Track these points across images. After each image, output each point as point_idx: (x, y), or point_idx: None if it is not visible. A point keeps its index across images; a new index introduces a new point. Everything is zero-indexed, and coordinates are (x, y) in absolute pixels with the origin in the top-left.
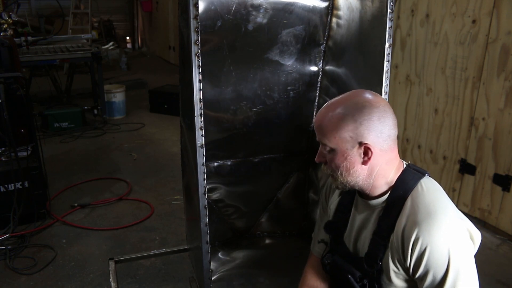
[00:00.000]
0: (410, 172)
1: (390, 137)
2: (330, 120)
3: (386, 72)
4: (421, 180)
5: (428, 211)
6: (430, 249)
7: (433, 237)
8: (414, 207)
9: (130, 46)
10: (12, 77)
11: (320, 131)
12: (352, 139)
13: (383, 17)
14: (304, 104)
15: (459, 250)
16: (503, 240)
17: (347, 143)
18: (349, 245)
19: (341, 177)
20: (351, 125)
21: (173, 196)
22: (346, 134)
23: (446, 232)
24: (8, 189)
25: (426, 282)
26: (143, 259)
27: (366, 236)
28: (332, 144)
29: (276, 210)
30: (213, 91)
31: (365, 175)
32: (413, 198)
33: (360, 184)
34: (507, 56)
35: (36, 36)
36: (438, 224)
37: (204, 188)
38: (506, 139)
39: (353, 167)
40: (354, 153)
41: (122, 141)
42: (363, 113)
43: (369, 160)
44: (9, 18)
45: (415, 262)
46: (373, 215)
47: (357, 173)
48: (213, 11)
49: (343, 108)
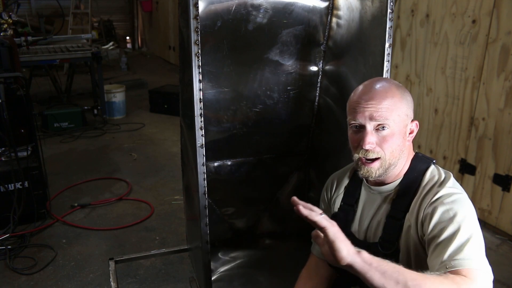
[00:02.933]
0: (421, 158)
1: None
2: (393, 99)
3: (386, 72)
4: (432, 164)
5: (445, 185)
6: (447, 205)
7: (452, 200)
8: (430, 183)
9: (130, 46)
10: (12, 77)
11: (382, 111)
12: (407, 117)
13: (383, 17)
14: (304, 104)
15: (470, 210)
16: (503, 240)
17: (405, 121)
18: (358, 235)
19: (391, 158)
20: (409, 103)
21: (173, 196)
22: (405, 112)
23: (463, 199)
24: (8, 189)
25: (443, 235)
26: (143, 259)
27: (379, 221)
28: (395, 123)
29: (276, 210)
30: (213, 91)
31: (405, 156)
32: (431, 173)
33: (397, 167)
34: (507, 56)
35: (36, 36)
36: (456, 193)
37: (204, 188)
38: (506, 139)
39: (403, 146)
40: (407, 132)
41: (122, 141)
42: (408, 93)
43: (412, 138)
44: (9, 18)
45: (435, 223)
46: (386, 200)
47: (403, 153)
48: (213, 11)
49: (397, 88)
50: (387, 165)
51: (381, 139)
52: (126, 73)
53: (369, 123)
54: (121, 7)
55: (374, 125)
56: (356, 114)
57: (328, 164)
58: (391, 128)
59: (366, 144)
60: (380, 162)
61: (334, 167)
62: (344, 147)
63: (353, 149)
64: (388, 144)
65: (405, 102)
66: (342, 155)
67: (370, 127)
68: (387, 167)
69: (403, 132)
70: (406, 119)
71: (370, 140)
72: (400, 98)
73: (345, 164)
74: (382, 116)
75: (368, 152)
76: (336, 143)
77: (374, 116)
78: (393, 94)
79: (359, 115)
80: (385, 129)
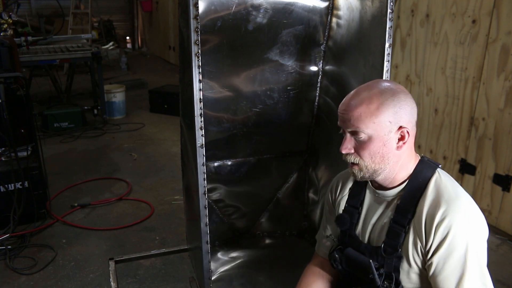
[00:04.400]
0: (426, 163)
1: (415, 124)
2: (368, 107)
3: (386, 72)
4: (437, 170)
5: (452, 195)
6: (455, 229)
7: (459, 218)
8: (437, 191)
9: (130, 46)
10: (12, 77)
11: (354, 119)
12: (391, 124)
13: (383, 17)
14: (304, 104)
15: (479, 235)
16: (503, 240)
17: (386, 128)
18: (362, 238)
19: (372, 164)
20: (391, 109)
21: (173, 196)
22: (386, 119)
23: (471, 216)
24: (8, 189)
25: (448, 263)
26: (143, 259)
27: (383, 226)
28: (370, 130)
29: (276, 210)
30: (213, 91)
31: (394, 162)
32: (434, 183)
33: (386, 172)
34: (507, 56)
35: (36, 36)
36: (464, 207)
37: (204, 188)
38: (506, 139)
39: (388, 152)
40: (391, 138)
41: (122, 141)
42: (399, 97)
43: (403, 145)
44: (9, 18)
45: (439, 241)
46: (390, 205)
47: (389, 159)
48: (213, 11)
49: (380, 94)
50: (370, 170)
51: (358, 145)
52: (126, 73)
53: (346, 129)
54: (121, 7)
55: (350, 131)
56: (339, 120)
57: (328, 164)
58: (367, 135)
59: (341, 149)
60: (359, 167)
61: (334, 167)
62: None
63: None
64: (364, 150)
65: (386, 108)
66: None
67: (347, 133)
68: (371, 171)
69: (385, 139)
70: (388, 126)
71: (345, 146)
72: (379, 105)
73: (344, 164)
74: (353, 124)
75: (346, 156)
76: (336, 143)
77: (347, 124)
78: (370, 101)
79: (339, 121)
80: (361, 135)
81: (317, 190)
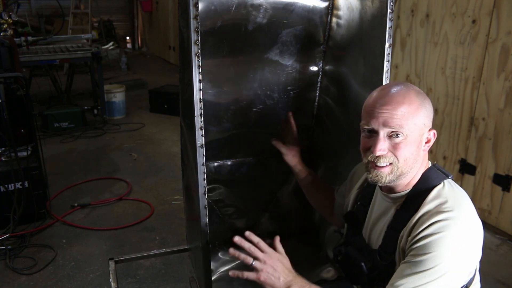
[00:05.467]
0: (435, 171)
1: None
2: (410, 106)
3: (386, 72)
4: (445, 180)
5: (450, 208)
6: (439, 237)
7: (447, 230)
8: (435, 202)
9: (130, 46)
10: (12, 77)
11: (399, 118)
12: (425, 126)
13: (383, 17)
14: (304, 104)
15: (461, 260)
16: (503, 240)
17: (421, 130)
18: (365, 237)
19: (404, 166)
20: (427, 112)
21: (173, 196)
22: (422, 121)
23: (460, 233)
24: (8, 189)
25: (410, 263)
26: (143, 259)
27: (382, 229)
28: (410, 131)
29: (276, 210)
30: (213, 91)
31: (418, 166)
32: (435, 194)
33: (408, 176)
34: (507, 56)
35: (36, 36)
36: (456, 222)
37: (204, 188)
38: (506, 139)
39: (418, 155)
40: (423, 141)
41: (122, 141)
42: (428, 100)
43: (428, 148)
44: (9, 18)
45: (416, 240)
46: (392, 209)
47: (417, 162)
48: (213, 11)
49: (416, 95)
50: (398, 173)
51: (393, 146)
52: (126, 73)
53: (383, 129)
54: (121, 7)
55: (387, 131)
56: (370, 119)
57: (328, 164)
58: (406, 136)
59: (377, 150)
60: (391, 168)
61: (334, 167)
62: (344, 147)
63: (363, 153)
64: (400, 151)
65: (423, 111)
66: (342, 155)
67: (383, 133)
68: (398, 174)
69: (418, 141)
70: (423, 128)
71: (382, 147)
72: (418, 106)
73: (345, 164)
74: (396, 124)
75: (379, 158)
76: (336, 143)
77: (389, 123)
78: (410, 101)
79: (373, 120)
80: (399, 136)
81: None
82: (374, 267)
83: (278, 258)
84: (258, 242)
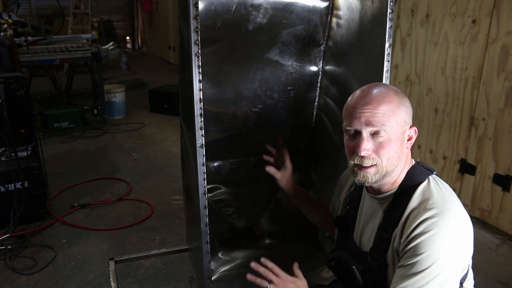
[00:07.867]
0: (419, 168)
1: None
2: (390, 105)
3: (386, 72)
4: (430, 177)
5: (437, 205)
6: (430, 235)
7: (437, 227)
8: (422, 200)
9: (130, 46)
10: (12, 77)
11: (380, 117)
12: (406, 124)
13: (383, 17)
14: (304, 104)
15: (453, 254)
16: (503, 240)
17: (403, 127)
18: (356, 240)
19: (388, 165)
20: (406, 109)
21: (173, 196)
22: (403, 118)
23: (450, 229)
24: (8, 189)
25: (406, 266)
26: (143, 259)
27: (372, 231)
28: (391, 129)
29: (276, 210)
30: (213, 91)
31: (402, 164)
32: (421, 191)
33: (393, 174)
34: (507, 56)
35: (36, 36)
36: (444, 218)
37: (204, 188)
38: (506, 139)
39: (401, 153)
40: (405, 139)
41: (122, 141)
42: (406, 98)
43: (410, 145)
44: (9, 18)
45: (408, 241)
46: (380, 209)
47: (401, 160)
48: (213, 11)
49: (394, 93)
50: (384, 172)
51: (377, 146)
52: (126, 73)
53: (365, 129)
54: (121, 7)
55: (370, 131)
56: (352, 120)
57: (328, 164)
58: (388, 135)
59: (361, 150)
60: (376, 168)
61: (334, 167)
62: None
63: (349, 156)
64: (384, 151)
65: (403, 108)
66: (342, 155)
67: (366, 133)
68: (384, 174)
69: (401, 139)
70: (404, 126)
71: (366, 147)
72: (398, 104)
73: (344, 164)
74: (378, 122)
75: (364, 159)
76: (336, 143)
77: (371, 122)
78: (390, 100)
79: (355, 120)
80: (382, 135)
81: (317, 190)
82: (366, 269)
83: (291, 281)
84: (272, 267)
